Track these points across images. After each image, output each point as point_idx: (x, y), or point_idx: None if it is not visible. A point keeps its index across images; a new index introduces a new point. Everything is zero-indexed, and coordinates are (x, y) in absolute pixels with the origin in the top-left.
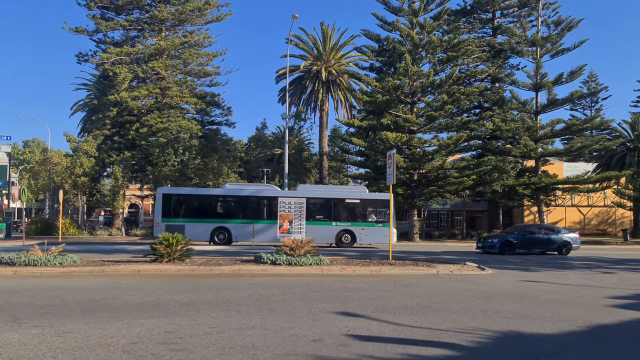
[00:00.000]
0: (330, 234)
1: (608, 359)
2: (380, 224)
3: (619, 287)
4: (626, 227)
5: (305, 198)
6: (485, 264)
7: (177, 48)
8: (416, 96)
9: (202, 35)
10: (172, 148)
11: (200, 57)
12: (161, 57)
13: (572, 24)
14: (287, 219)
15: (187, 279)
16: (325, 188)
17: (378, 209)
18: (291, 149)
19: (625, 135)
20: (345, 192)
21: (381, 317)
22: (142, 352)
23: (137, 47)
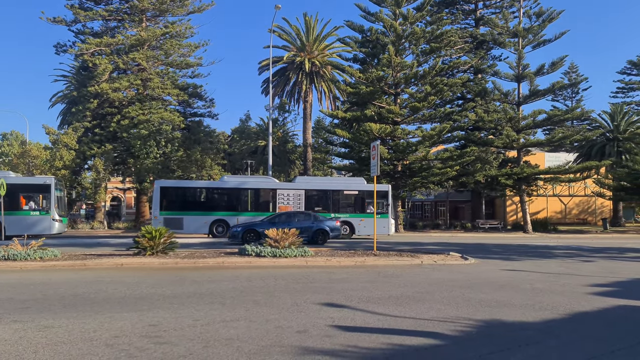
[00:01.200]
0: None
1: (587, 345)
2: (378, 215)
3: (598, 275)
4: (606, 216)
5: (303, 190)
6: (469, 254)
7: (158, 39)
8: (400, 87)
9: (183, 25)
10: (154, 140)
11: (182, 48)
12: (142, 48)
13: (553, 16)
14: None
15: (171, 272)
16: (323, 179)
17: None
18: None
19: (605, 125)
20: (344, 184)
21: (366, 308)
22: (125, 346)
23: (117, 37)
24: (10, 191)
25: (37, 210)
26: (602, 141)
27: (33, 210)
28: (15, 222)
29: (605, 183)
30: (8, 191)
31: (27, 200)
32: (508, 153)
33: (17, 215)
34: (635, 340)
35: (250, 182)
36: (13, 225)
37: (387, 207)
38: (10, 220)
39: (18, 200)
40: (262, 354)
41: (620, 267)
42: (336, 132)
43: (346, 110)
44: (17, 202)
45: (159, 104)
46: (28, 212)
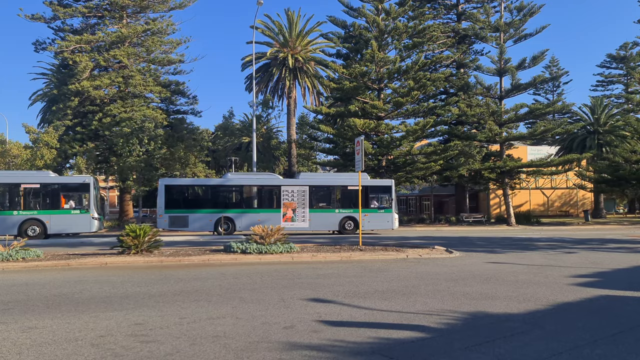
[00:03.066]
0: (334, 221)
1: (571, 335)
2: (382, 209)
3: (580, 266)
4: (587, 208)
5: (307, 186)
6: (454, 247)
7: (140, 35)
8: (383, 82)
9: (165, 22)
10: (137, 138)
11: (164, 45)
12: (123, 45)
13: (534, 10)
14: (290, 208)
15: (156, 270)
16: (327, 175)
17: (379, 195)
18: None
19: (585, 118)
20: (347, 179)
21: (352, 303)
22: (111, 345)
23: (98, 34)
24: (50, 191)
25: (77, 209)
26: (583, 134)
27: (73, 209)
28: (57, 221)
29: (586, 175)
30: (48, 191)
31: (67, 199)
32: (491, 147)
33: (58, 214)
34: (616, 330)
35: (254, 179)
36: (55, 224)
37: (390, 201)
38: (52, 219)
39: (58, 200)
40: (249, 351)
41: (601, 258)
42: (320, 127)
43: (330, 106)
44: (57, 201)
45: (141, 102)
46: (69, 211)
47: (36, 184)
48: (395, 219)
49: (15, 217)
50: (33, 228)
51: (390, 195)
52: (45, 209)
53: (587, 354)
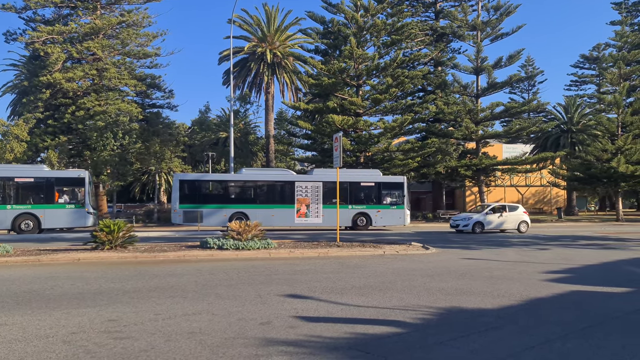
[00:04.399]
0: (347, 217)
1: (543, 329)
2: (394, 206)
3: (553, 263)
4: (560, 206)
5: (321, 182)
6: (430, 244)
7: (114, 28)
8: (362, 79)
9: (140, 14)
10: (111, 132)
11: (139, 38)
12: (97, 37)
13: (510, 9)
14: (304, 203)
15: (131, 266)
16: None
17: (392, 191)
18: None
19: (559, 117)
20: (361, 175)
21: (329, 298)
22: (83, 342)
23: (71, 25)
24: (44, 185)
25: (72, 204)
26: (557, 133)
27: (68, 204)
28: (51, 216)
29: (559, 173)
30: (42, 185)
31: (62, 193)
32: (467, 144)
33: (52, 208)
34: (586, 324)
35: (268, 175)
36: (49, 219)
37: (402, 198)
38: (46, 213)
39: (53, 194)
40: (225, 347)
41: (573, 254)
42: (298, 123)
43: (308, 102)
44: (52, 196)
45: (115, 95)
46: (63, 205)
47: (30, 178)
48: (407, 215)
49: (9, 212)
50: (27, 223)
51: (403, 191)
52: (39, 204)
53: (558, 348)
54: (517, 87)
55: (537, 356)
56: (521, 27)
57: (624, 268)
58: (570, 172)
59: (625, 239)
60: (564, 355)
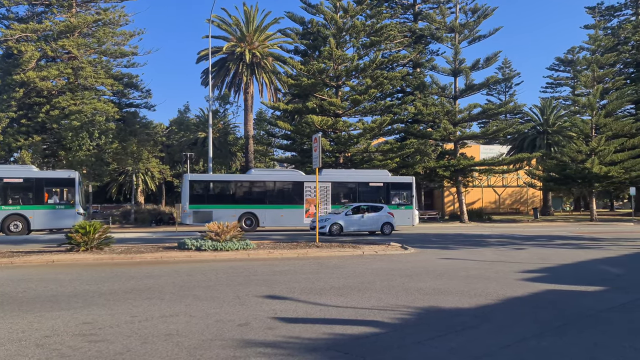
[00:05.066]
0: None
1: (518, 327)
2: (403, 206)
3: (529, 262)
4: (536, 206)
5: (330, 182)
6: (409, 244)
7: (90, 26)
8: (341, 80)
9: (117, 13)
10: (87, 132)
11: (116, 36)
12: (72, 35)
13: (488, 12)
14: (313, 204)
15: (107, 268)
16: (349, 172)
17: (400, 192)
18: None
19: (535, 119)
20: (369, 176)
21: (308, 299)
22: (57, 346)
23: (45, 23)
24: (34, 185)
25: (62, 204)
26: (533, 134)
27: (58, 204)
28: (41, 216)
29: (535, 174)
30: (32, 185)
31: (52, 194)
32: (445, 145)
33: (42, 209)
34: (561, 322)
35: (277, 175)
36: (38, 219)
37: (411, 198)
38: (35, 214)
39: (42, 195)
40: (203, 349)
41: (549, 254)
42: (278, 124)
43: (288, 102)
44: (41, 196)
45: (91, 94)
46: (53, 206)
47: (19, 178)
48: (416, 215)
49: None
50: (16, 224)
51: (411, 191)
52: (29, 204)
53: (533, 346)
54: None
55: (513, 354)
56: (498, 29)
57: (597, 267)
58: (546, 172)
59: (599, 239)
60: (539, 353)
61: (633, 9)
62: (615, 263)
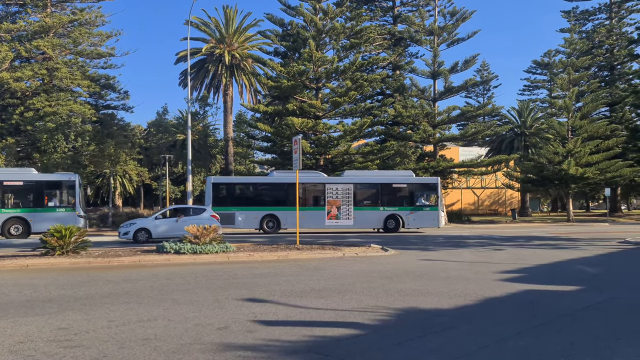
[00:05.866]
0: (378, 219)
1: (497, 328)
2: (427, 207)
3: (508, 263)
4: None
5: (352, 184)
6: (389, 245)
7: (66, 26)
8: (321, 82)
9: (93, 13)
10: (63, 134)
11: (93, 37)
12: (47, 36)
13: (466, 15)
14: (334, 205)
15: (83, 272)
16: (371, 173)
17: (425, 193)
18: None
19: (513, 121)
20: (392, 177)
21: (288, 302)
22: (31, 352)
23: (19, 23)
24: (34, 188)
25: (62, 207)
26: (511, 136)
27: (58, 207)
28: (41, 219)
29: (513, 175)
30: (32, 188)
31: (51, 197)
32: (425, 147)
33: (42, 212)
34: (538, 322)
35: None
36: (38, 223)
37: (437, 199)
38: (35, 217)
39: (42, 197)
40: (181, 353)
41: (527, 254)
42: (258, 126)
43: (268, 104)
44: (41, 199)
45: (67, 96)
46: (54, 208)
47: (19, 181)
48: (442, 216)
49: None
50: (16, 227)
51: (436, 192)
52: (29, 207)
53: (511, 346)
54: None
55: (491, 354)
56: (476, 32)
57: (573, 267)
58: (524, 174)
59: (575, 239)
60: (517, 353)
61: (607, 13)
62: (591, 263)
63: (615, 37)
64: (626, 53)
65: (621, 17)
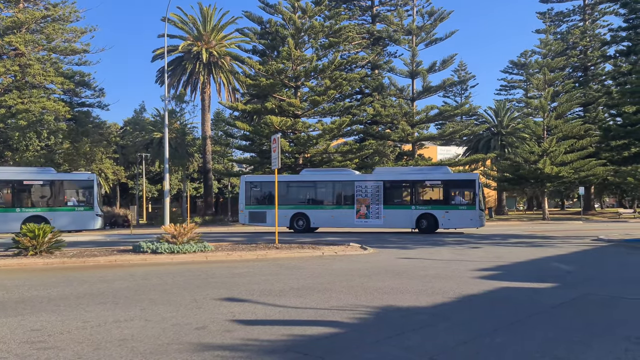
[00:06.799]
0: (410, 219)
1: (475, 324)
2: (464, 206)
3: (485, 260)
4: (491, 206)
5: (382, 181)
6: (368, 244)
7: (39, 22)
8: (300, 80)
9: (67, 8)
10: (35, 131)
11: (66, 33)
12: (20, 31)
13: (444, 15)
14: (364, 204)
15: (58, 273)
16: (403, 169)
17: (462, 190)
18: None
19: (490, 121)
20: (426, 173)
21: (267, 301)
22: (3, 354)
23: None
24: (54, 187)
25: (81, 206)
26: (488, 135)
27: (77, 206)
28: (60, 218)
29: (490, 174)
30: (52, 187)
31: (70, 196)
32: (404, 146)
33: (61, 211)
34: (515, 319)
35: (328, 175)
36: (58, 221)
37: (474, 197)
38: (55, 216)
39: (62, 196)
40: (159, 353)
41: (503, 252)
42: (236, 124)
43: (246, 103)
44: (61, 198)
45: (40, 93)
46: (72, 208)
47: (39, 180)
48: (481, 216)
49: (18, 214)
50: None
51: (474, 189)
52: (49, 206)
53: (488, 342)
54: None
55: (469, 351)
56: (454, 32)
57: (549, 264)
58: (500, 173)
59: (550, 237)
60: (495, 349)
61: (581, 15)
62: (565, 260)
63: (589, 39)
64: (599, 54)
65: (594, 19)
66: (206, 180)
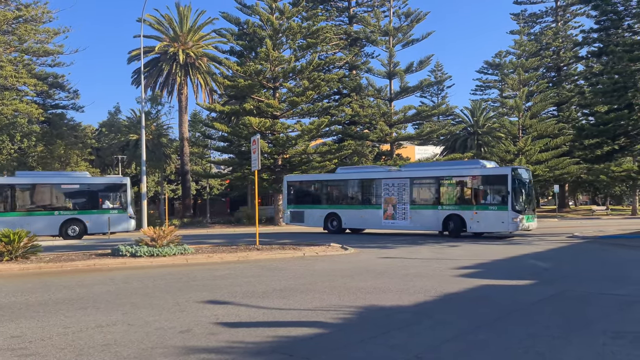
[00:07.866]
0: (435, 220)
1: (456, 322)
2: (495, 206)
3: (464, 259)
4: None
5: (408, 178)
6: (349, 244)
7: (10, 22)
8: (278, 81)
9: (39, 9)
10: (7, 134)
11: (39, 34)
12: None
13: (420, 17)
14: (390, 204)
15: (34, 278)
16: (432, 165)
17: (492, 187)
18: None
19: (466, 120)
20: (452, 169)
21: (251, 303)
22: None
23: None
24: (89, 191)
25: (115, 209)
26: (464, 135)
27: (112, 209)
28: (96, 221)
29: None
30: (87, 191)
31: (105, 199)
32: (382, 147)
33: (97, 214)
34: (496, 316)
35: (358, 173)
36: (94, 224)
37: (507, 195)
38: (91, 218)
39: (97, 200)
40: (143, 358)
41: (481, 250)
42: (214, 125)
43: (224, 104)
44: (96, 202)
45: (12, 95)
46: (107, 210)
47: (75, 184)
48: (514, 218)
49: (57, 218)
50: (73, 228)
51: (507, 187)
52: (85, 209)
53: (471, 340)
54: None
55: (453, 348)
56: (430, 33)
57: (527, 262)
58: None
59: (527, 235)
60: (477, 346)
61: (553, 16)
62: (542, 257)
63: (562, 40)
64: (572, 55)
65: (566, 20)
66: (184, 182)
